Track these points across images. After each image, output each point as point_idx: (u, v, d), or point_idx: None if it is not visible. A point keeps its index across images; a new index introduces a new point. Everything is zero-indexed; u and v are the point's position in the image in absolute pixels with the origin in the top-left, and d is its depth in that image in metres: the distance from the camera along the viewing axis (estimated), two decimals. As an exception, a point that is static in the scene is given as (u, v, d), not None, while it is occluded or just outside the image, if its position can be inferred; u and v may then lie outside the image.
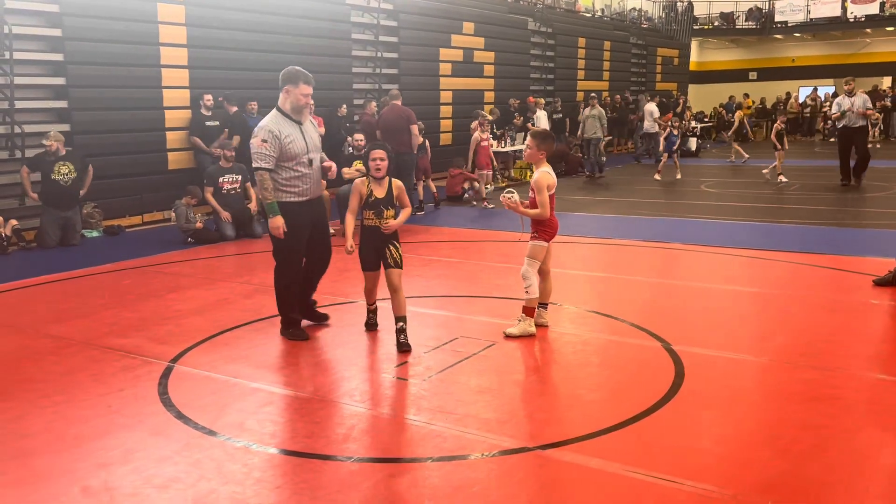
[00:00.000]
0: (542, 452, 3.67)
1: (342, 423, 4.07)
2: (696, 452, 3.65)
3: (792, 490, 3.30)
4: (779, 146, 15.08)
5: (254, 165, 5.24)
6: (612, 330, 5.67)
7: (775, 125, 15.58)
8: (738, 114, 22.36)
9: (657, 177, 15.67)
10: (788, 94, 30.28)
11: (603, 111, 16.71)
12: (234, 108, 11.38)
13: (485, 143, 12.56)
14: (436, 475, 3.50)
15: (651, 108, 19.67)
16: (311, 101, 5.46)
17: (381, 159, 5.22)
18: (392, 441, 3.88)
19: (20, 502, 3.30)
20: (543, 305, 5.68)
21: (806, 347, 5.17)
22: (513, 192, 5.38)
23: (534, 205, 5.44)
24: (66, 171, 9.00)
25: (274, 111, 5.34)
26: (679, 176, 15.66)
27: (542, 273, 5.60)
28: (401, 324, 5.20)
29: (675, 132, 16.07)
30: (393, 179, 5.29)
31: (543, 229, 5.47)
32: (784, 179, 14.81)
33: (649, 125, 19.63)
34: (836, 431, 3.85)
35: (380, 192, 5.26)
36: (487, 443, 3.78)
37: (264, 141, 5.18)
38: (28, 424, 4.10)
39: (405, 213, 5.41)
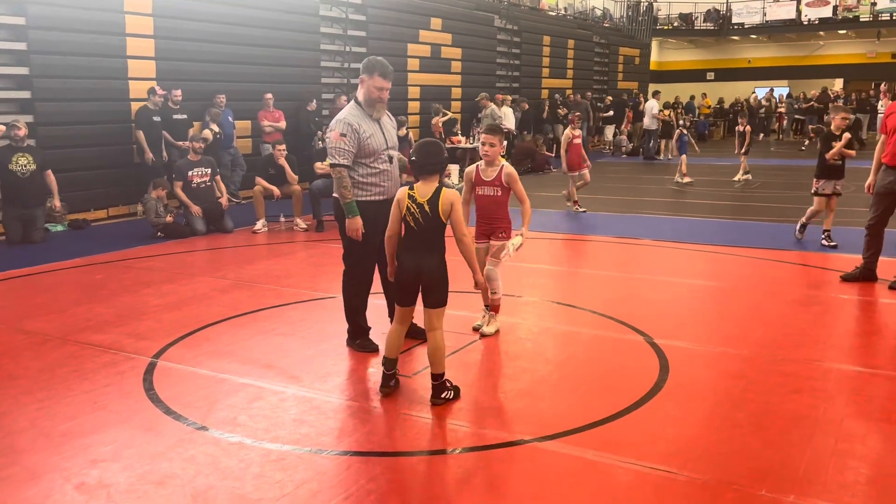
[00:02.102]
0: (539, 445, 3.71)
1: (336, 418, 4.06)
2: (688, 443, 3.73)
3: (783, 478, 3.39)
4: (737, 150, 15.19)
5: (330, 162, 4.84)
6: (594, 324, 5.74)
7: (737, 128, 15.55)
8: (665, 112, 22.81)
9: (686, 179, 14.80)
10: (754, 92, 30.92)
11: (497, 110, 16.08)
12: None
13: (577, 141, 11.12)
14: (434, 468, 3.51)
15: (652, 104, 19.89)
16: (386, 97, 4.97)
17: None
18: (387, 435, 3.88)
19: (14, 499, 3.23)
20: (489, 307, 5.53)
21: (783, 341, 5.30)
22: (513, 245, 5.24)
23: (495, 204, 5.27)
24: (25, 162, 8.75)
25: (352, 103, 4.93)
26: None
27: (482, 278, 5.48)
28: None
29: (685, 131, 15.46)
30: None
31: (510, 226, 5.41)
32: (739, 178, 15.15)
33: (649, 122, 19.84)
34: (820, 422, 3.97)
35: None
36: (483, 435, 3.81)
37: (343, 135, 4.75)
38: (12, 421, 4.00)
39: None
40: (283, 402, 4.26)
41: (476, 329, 5.46)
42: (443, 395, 4.24)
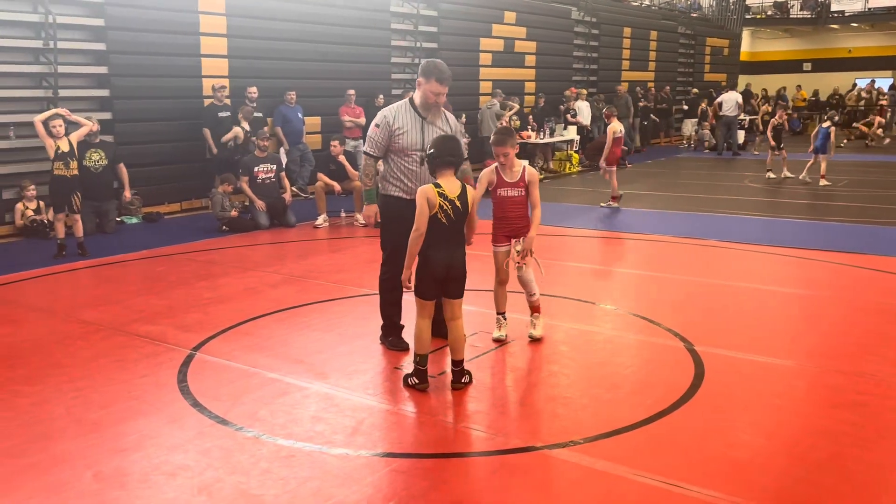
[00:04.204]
0: (549, 452, 3.63)
1: (352, 416, 4.08)
2: (708, 457, 3.58)
3: (803, 499, 3.21)
4: (771, 142, 14.35)
5: (363, 148, 5.10)
6: (635, 328, 5.58)
7: (772, 120, 14.71)
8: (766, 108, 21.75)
9: (823, 181, 13.39)
10: (855, 84, 29.38)
11: (497, 104, 15.01)
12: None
13: (619, 135, 11.28)
14: (439, 471, 3.49)
15: (734, 96, 19.16)
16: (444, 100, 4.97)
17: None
18: (399, 436, 3.88)
19: (35, 485, 3.39)
20: (503, 314, 5.36)
21: (835, 351, 5.02)
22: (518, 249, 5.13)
23: (519, 205, 5.14)
24: (98, 157, 9.22)
25: (405, 99, 5.09)
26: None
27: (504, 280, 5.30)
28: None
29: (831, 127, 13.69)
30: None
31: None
32: (788, 175, 14.29)
33: (733, 114, 19.12)
34: (856, 440, 3.73)
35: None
36: (493, 441, 3.76)
37: (376, 125, 4.96)
38: (51, 408, 4.21)
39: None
40: (306, 399, 4.31)
41: (497, 341, 5.27)
42: (462, 380, 4.44)
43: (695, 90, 23.75)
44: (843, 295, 6.43)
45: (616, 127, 11.26)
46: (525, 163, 5.23)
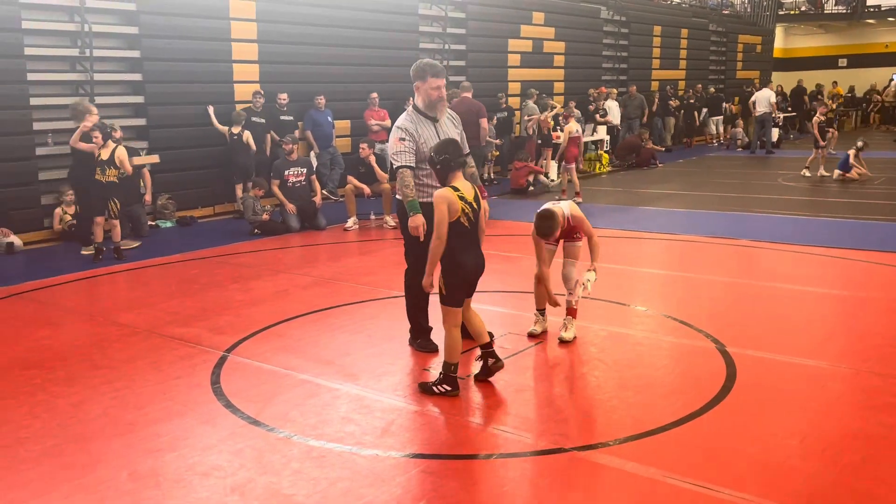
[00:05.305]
0: (578, 454, 3.63)
1: (382, 418, 4.12)
2: (739, 459, 3.55)
3: (836, 502, 3.17)
4: (821, 142, 14.26)
5: (395, 165, 4.96)
6: (666, 330, 5.55)
7: (815, 118, 14.60)
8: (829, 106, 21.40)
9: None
10: (892, 80, 28.76)
11: (534, 105, 14.81)
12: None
13: (576, 135, 12.13)
14: (468, 472, 3.51)
15: (767, 94, 18.92)
16: (444, 94, 4.99)
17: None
18: (428, 437, 3.91)
19: (73, 484, 3.48)
20: (542, 311, 5.45)
21: (870, 352, 4.94)
22: (589, 281, 5.10)
23: (571, 234, 5.27)
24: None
25: (408, 110, 5.07)
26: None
27: (545, 277, 5.33)
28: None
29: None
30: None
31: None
32: (825, 174, 14.14)
33: (766, 112, 18.91)
34: (891, 442, 3.68)
35: None
36: (522, 442, 3.77)
37: (402, 139, 4.91)
38: (89, 409, 4.31)
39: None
40: (336, 400, 4.36)
41: (531, 335, 5.34)
42: (495, 360, 4.48)
43: (712, 89, 23.46)
44: (879, 295, 6.32)
45: (572, 127, 11.96)
46: (563, 207, 5.18)
